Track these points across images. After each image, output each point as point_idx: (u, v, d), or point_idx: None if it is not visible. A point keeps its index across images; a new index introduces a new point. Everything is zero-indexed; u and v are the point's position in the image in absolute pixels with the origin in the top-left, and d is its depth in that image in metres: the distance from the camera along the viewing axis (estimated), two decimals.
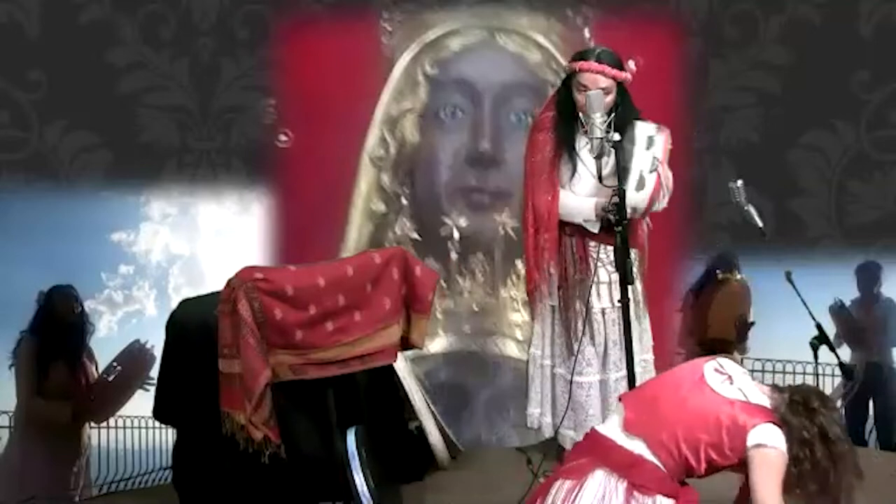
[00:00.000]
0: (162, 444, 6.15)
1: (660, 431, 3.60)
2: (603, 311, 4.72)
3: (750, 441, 3.54)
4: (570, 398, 4.70)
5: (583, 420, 4.73)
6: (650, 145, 4.55)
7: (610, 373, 4.73)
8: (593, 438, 3.72)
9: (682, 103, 6.57)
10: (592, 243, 4.70)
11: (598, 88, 4.59)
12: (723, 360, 3.72)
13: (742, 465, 3.61)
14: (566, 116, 4.69)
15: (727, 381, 3.63)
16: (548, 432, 4.83)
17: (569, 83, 4.71)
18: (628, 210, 4.50)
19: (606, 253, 4.68)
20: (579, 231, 4.68)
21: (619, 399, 3.83)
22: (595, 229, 4.64)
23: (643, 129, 4.60)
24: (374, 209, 6.77)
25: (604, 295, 4.71)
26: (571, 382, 4.68)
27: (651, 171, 4.55)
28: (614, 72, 4.65)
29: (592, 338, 4.73)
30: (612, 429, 3.69)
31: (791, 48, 6.74)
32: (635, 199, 4.57)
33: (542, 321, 4.80)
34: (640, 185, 4.56)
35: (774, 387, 3.67)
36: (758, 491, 3.53)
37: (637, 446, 3.61)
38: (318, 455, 4.49)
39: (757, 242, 5.24)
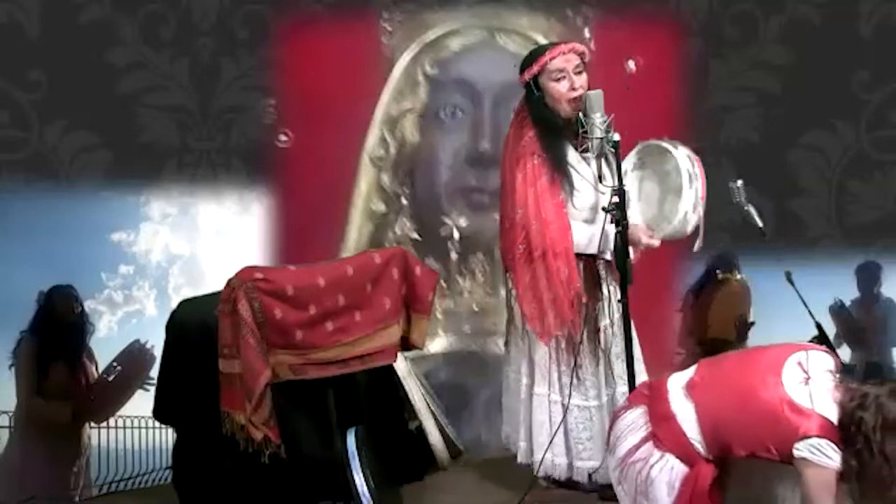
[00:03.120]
0: (162, 444, 6.15)
1: (714, 405, 3.68)
2: (605, 328, 4.68)
3: (796, 452, 3.57)
4: (561, 422, 4.63)
5: (579, 446, 4.68)
6: (692, 182, 4.50)
7: (616, 387, 4.67)
8: (660, 382, 3.86)
9: (682, 103, 6.56)
10: (599, 262, 4.66)
11: (575, 67, 4.56)
12: (814, 355, 3.70)
13: (783, 460, 3.63)
14: (551, 132, 4.63)
15: (803, 382, 3.62)
16: (563, 473, 4.73)
17: (534, 94, 4.64)
18: (654, 242, 4.50)
19: (606, 269, 4.66)
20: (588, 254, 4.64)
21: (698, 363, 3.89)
22: (609, 257, 4.57)
23: (683, 162, 4.51)
24: (374, 209, 6.77)
25: (606, 312, 4.67)
26: (567, 407, 4.60)
27: (694, 211, 4.52)
28: (583, 47, 4.66)
29: (597, 359, 4.67)
30: (676, 382, 3.80)
31: (791, 48, 6.73)
32: (677, 236, 4.56)
33: (543, 352, 4.69)
34: (685, 223, 4.53)
35: (849, 389, 3.60)
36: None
37: (683, 408, 3.72)
38: (318, 455, 4.49)
39: (757, 242, 5.24)
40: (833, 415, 3.56)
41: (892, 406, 3.51)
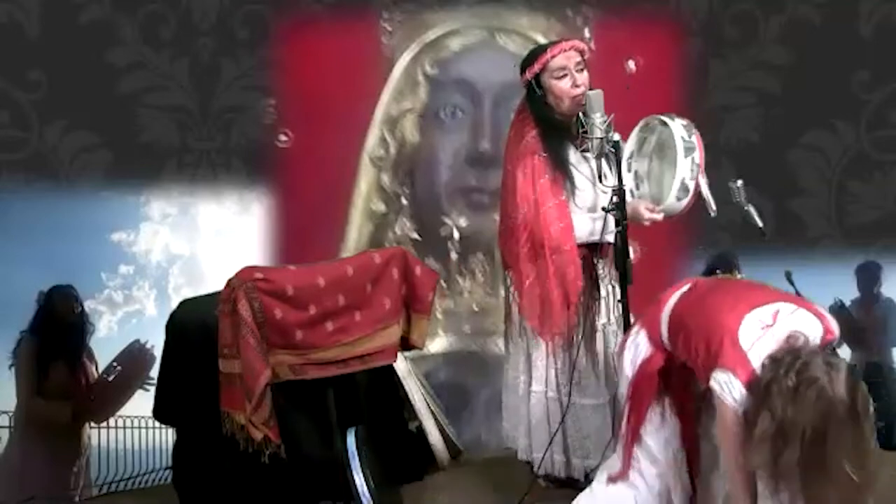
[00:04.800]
0: (162, 444, 6.15)
1: (686, 304, 3.77)
2: (604, 327, 4.68)
3: (711, 380, 3.55)
4: (562, 420, 4.62)
5: (576, 443, 4.67)
6: (689, 151, 4.48)
7: (618, 385, 4.66)
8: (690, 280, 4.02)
9: (682, 103, 6.56)
10: (599, 261, 4.66)
11: (576, 64, 4.56)
12: (803, 315, 3.60)
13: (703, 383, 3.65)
14: (553, 131, 4.62)
15: (762, 326, 3.55)
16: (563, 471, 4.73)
17: (535, 93, 4.63)
18: (657, 216, 4.50)
19: (605, 268, 4.65)
20: (587, 250, 4.63)
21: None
22: (611, 238, 4.55)
23: (678, 130, 4.50)
24: (374, 209, 6.77)
25: (609, 310, 4.67)
26: (569, 405, 4.59)
27: (692, 178, 4.50)
28: (583, 44, 4.64)
29: (596, 358, 4.66)
30: (684, 285, 3.91)
31: (791, 48, 6.74)
32: (676, 207, 4.53)
33: (540, 350, 4.69)
34: (683, 193, 4.51)
35: (789, 347, 3.50)
36: (721, 449, 3.62)
37: (673, 299, 3.84)
38: (318, 455, 4.49)
39: (757, 242, 5.23)
40: (753, 366, 3.51)
41: (795, 365, 3.39)
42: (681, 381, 3.83)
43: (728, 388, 3.50)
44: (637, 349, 3.87)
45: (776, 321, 3.56)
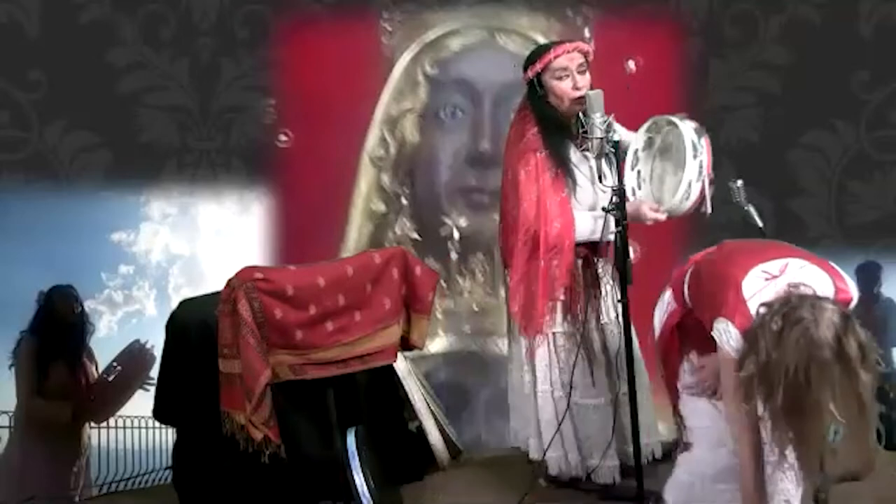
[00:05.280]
0: (162, 444, 6.15)
1: (703, 265, 3.83)
2: (605, 326, 4.67)
3: (713, 329, 3.56)
4: (562, 420, 4.61)
5: (582, 442, 4.66)
6: (697, 153, 4.46)
7: (620, 386, 4.65)
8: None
9: (682, 103, 6.56)
10: (599, 260, 4.65)
11: (578, 66, 4.56)
12: (813, 271, 3.58)
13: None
14: (554, 129, 4.62)
15: (767, 278, 3.53)
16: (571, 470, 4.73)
17: (537, 91, 4.63)
18: (660, 216, 4.49)
19: (605, 267, 4.65)
20: (587, 249, 4.62)
21: None
22: (611, 237, 4.54)
23: (688, 133, 4.48)
24: (374, 209, 6.78)
25: (610, 309, 4.66)
26: (569, 404, 4.59)
27: (698, 181, 4.48)
28: (587, 46, 4.64)
29: (598, 358, 4.65)
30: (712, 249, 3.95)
31: (791, 48, 6.74)
32: (680, 208, 4.51)
33: (542, 349, 4.65)
34: (688, 195, 4.50)
35: (786, 295, 3.46)
36: (724, 398, 3.65)
37: (696, 262, 3.90)
38: (318, 455, 4.49)
39: None
40: (751, 312, 3.49)
41: (783, 310, 3.34)
42: (699, 337, 3.81)
43: (726, 336, 3.51)
44: (664, 303, 3.96)
45: (782, 274, 3.54)
